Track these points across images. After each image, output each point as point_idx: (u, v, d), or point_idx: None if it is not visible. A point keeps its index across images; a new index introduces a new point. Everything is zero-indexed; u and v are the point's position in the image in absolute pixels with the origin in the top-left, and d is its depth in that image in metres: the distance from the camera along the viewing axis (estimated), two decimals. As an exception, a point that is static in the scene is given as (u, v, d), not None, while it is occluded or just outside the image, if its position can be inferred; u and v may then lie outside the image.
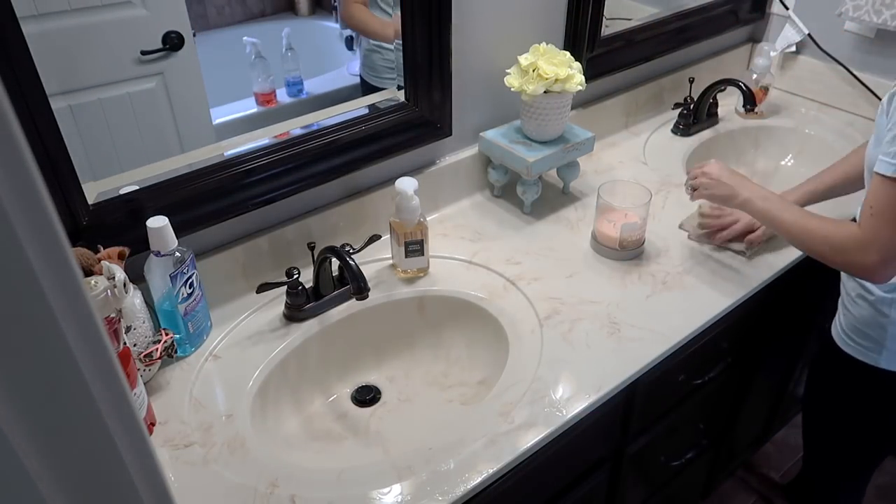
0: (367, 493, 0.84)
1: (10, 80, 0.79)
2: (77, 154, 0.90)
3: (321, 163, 1.14)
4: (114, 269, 0.86)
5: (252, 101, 1.20)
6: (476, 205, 1.38)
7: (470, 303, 1.14)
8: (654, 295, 1.15)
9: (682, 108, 1.62)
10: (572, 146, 1.31)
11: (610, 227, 1.21)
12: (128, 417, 0.33)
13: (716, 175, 1.16)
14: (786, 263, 1.23)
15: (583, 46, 1.41)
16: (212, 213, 1.05)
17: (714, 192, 1.16)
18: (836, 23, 1.64)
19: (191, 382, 0.99)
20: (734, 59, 1.83)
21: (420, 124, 1.24)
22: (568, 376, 1.00)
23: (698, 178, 1.19)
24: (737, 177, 1.16)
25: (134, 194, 0.99)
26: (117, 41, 0.95)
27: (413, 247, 1.15)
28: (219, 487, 0.84)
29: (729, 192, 1.14)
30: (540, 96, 1.23)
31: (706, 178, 1.17)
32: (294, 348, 1.06)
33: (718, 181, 1.15)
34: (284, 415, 1.04)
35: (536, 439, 0.91)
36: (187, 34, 0.99)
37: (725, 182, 1.15)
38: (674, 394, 1.24)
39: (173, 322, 0.99)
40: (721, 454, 1.62)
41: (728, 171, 1.17)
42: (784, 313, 1.45)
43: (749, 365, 1.45)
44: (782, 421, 1.94)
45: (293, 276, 1.06)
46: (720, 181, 1.15)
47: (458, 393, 1.11)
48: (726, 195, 1.15)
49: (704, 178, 1.17)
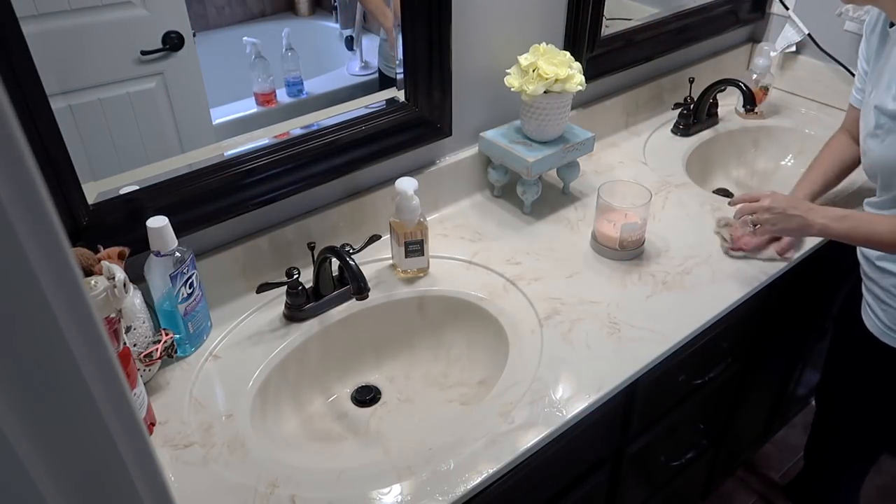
0: (367, 493, 0.84)
1: (10, 80, 0.79)
2: (77, 154, 0.90)
3: (321, 163, 1.14)
4: (114, 269, 0.86)
5: (252, 101, 1.19)
6: (476, 205, 1.38)
7: (470, 303, 1.14)
8: (654, 295, 1.15)
9: (682, 108, 1.62)
10: (572, 146, 1.31)
11: (610, 227, 1.21)
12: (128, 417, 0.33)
13: (780, 209, 1.12)
14: (785, 264, 1.22)
15: (583, 46, 1.41)
16: (212, 213, 1.05)
17: (784, 227, 1.13)
18: (836, 23, 1.64)
19: (191, 382, 0.99)
20: (734, 59, 1.83)
21: (420, 124, 1.24)
22: (568, 376, 1.00)
23: (759, 215, 1.14)
24: (800, 204, 1.12)
25: (134, 194, 0.99)
26: (117, 41, 0.95)
27: (413, 247, 1.15)
28: (219, 487, 0.84)
29: (800, 223, 1.11)
30: (540, 96, 1.23)
31: (770, 213, 1.13)
32: (294, 348, 1.06)
33: (784, 214, 1.12)
34: (284, 415, 1.04)
35: (536, 439, 0.91)
36: (187, 34, 0.99)
37: (792, 214, 1.11)
38: (674, 394, 1.24)
39: (173, 322, 0.99)
40: (721, 454, 1.62)
41: (786, 199, 1.14)
42: (784, 313, 1.45)
43: (749, 365, 1.45)
44: (782, 421, 1.94)
45: (293, 276, 1.06)
46: (785, 213, 1.11)
47: (458, 393, 1.11)
48: (798, 227, 1.11)
49: (768, 214, 1.13)
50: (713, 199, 1.41)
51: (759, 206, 1.14)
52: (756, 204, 1.15)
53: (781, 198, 1.14)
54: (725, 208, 1.33)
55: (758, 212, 1.15)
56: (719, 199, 1.41)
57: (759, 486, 1.89)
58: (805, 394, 1.97)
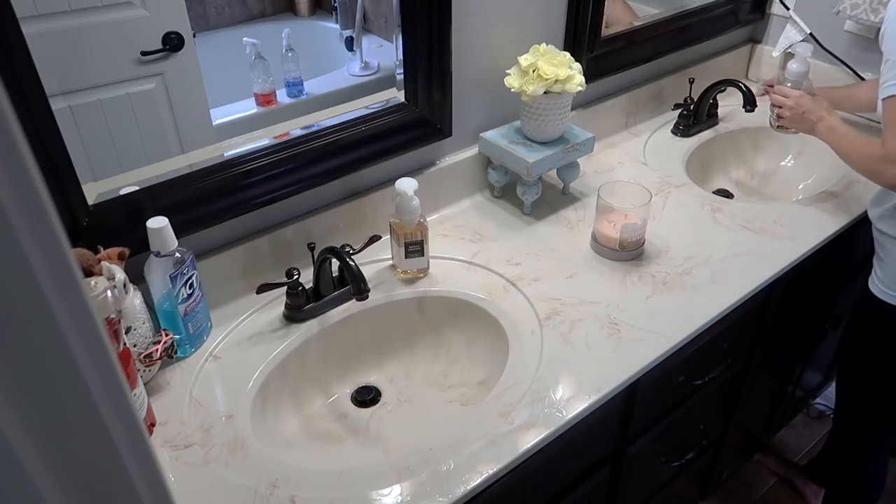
0: (367, 493, 0.84)
1: (10, 80, 0.79)
2: (77, 154, 0.90)
3: (321, 163, 1.14)
4: (114, 269, 0.86)
5: (252, 101, 1.19)
6: (476, 205, 1.38)
7: (470, 303, 1.14)
8: (654, 295, 1.14)
9: (682, 108, 1.62)
10: (572, 147, 1.31)
11: (610, 227, 1.21)
12: (128, 418, 0.33)
13: (800, 110, 1.32)
14: (785, 264, 1.23)
15: (583, 47, 1.41)
16: (212, 213, 1.05)
17: (798, 126, 1.35)
18: (836, 23, 1.65)
19: (191, 383, 0.99)
20: (734, 59, 1.83)
21: (420, 125, 1.24)
22: (568, 377, 1.00)
23: (783, 110, 1.36)
24: (818, 110, 1.30)
25: (134, 195, 0.99)
26: (117, 42, 0.95)
27: (413, 247, 1.15)
28: (219, 488, 0.84)
29: (809, 127, 1.32)
30: (540, 97, 1.23)
31: (791, 111, 1.34)
32: (294, 349, 1.06)
33: (800, 115, 1.32)
34: (284, 415, 1.04)
35: (536, 440, 0.91)
36: (187, 35, 0.99)
37: (807, 118, 1.31)
38: (674, 394, 1.24)
39: (173, 323, 0.99)
40: (721, 454, 1.62)
41: (810, 102, 1.31)
42: (784, 313, 1.45)
43: (749, 365, 1.45)
44: (783, 421, 1.94)
45: (293, 276, 1.06)
46: (802, 115, 1.32)
47: (458, 393, 1.11)
48: (807, 129, 1.33)
49: (789, 112, 1.35)
50: (713, 200, 1.41)
51: (785, 102, 1.36)
52: (783, 98, 1.36)
53: (807, 101, 1.32)
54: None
55: (783, 105, 1.36)
56: (719, 200, 1.41)
57: (778, 468, 1.89)
58: (805, 395, 1.97)
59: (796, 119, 1.34)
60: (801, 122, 1.33)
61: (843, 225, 1.33)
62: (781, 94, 1.37)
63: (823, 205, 1.37)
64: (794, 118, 1.34)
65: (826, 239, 1.30)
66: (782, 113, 1.36)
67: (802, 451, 1.97)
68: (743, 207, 1.37)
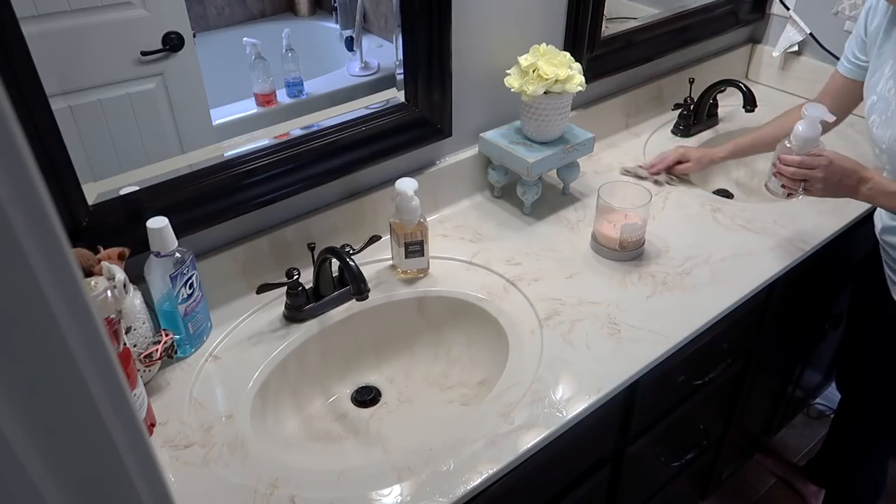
0: (367, 493, 0.84)
1: (10, 80, 0.79)
2: (77, 154, 0.90)
3: (321, 163, 1.14)
4: (114, 269, 0.86)
5: (252, 101, 1.19)
6: (476, 205, 1.38)
7: (470, 303, 1.14)
8: (654, 295, 1.14)
9: (682, 108, 1.62)
10: (572, 147, 1.31)
11: (610, 227, 1.21)
12: (128, 418, 0.33)
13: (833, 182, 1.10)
14: (785, 264, 1.23)
15: (583, 47, 1.41)
16: (212, 213, 1.05)
17: (831, 195, 1.13)
18: (836, 23, 1.65)
19: (191, 383, 0.99)
20: (734, 59, 1.83)
21: (420, 125, 1.24)
22: (568, 377, 1.00)
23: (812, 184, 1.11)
24: (852, 175, 1.10)
25: (134, 195, 0.99)
26: (117, 42, 0.95)
27: (413, 247, 1.15)
28: (219, 488, 0.84)
29: (848, 195, 1.12)
30: (540, 97, 1.23)
31: (823, 183, 1.10)
32: (294, 349, 1.05)
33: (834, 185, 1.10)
34: (284, 415, 1.04)
35: (536, 440, 0.91)
36: (187, 35, 0.99)
37: (843, 188, 1.11)
38: (674, 394, 1.23)
39: (173, 323, 0.99)
40: (721, 455, 1.62)
41: (841, 171, 1.10)
42: (784, 313, 1.45)
43: (749, 365, 1.45)
44: (783, 422, 1.94)
45: (293, 276, 1.06)
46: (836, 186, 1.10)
47: (458, 393, 1.11)
48: (845, 196, 1.13)
49: (821, 185, 1.10)
50: (713, 200, 1.41)
51: (813, 175, 1.10)
52: (809, 171, 1.10)
53: (837, 164, 1.09)
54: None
55: (810, 179, 1.10)
56: (719, 200, 1.41)
57: (777, 469, 1.88)
58: (805, 395, 1.97)
59: (831, 189, 1.10)
60: (837, 191, 1.11)
61: (844, 225, 1.33)
62: (804, 166, 1.10)
63: (823, 205, 1.37)
64: (828, 189, 1.11)
65: (826, 239, 1.30)
66: (811, 187, 1.11)
67: (802, 452, 1.97)
68: (743, 207, 1.37)
